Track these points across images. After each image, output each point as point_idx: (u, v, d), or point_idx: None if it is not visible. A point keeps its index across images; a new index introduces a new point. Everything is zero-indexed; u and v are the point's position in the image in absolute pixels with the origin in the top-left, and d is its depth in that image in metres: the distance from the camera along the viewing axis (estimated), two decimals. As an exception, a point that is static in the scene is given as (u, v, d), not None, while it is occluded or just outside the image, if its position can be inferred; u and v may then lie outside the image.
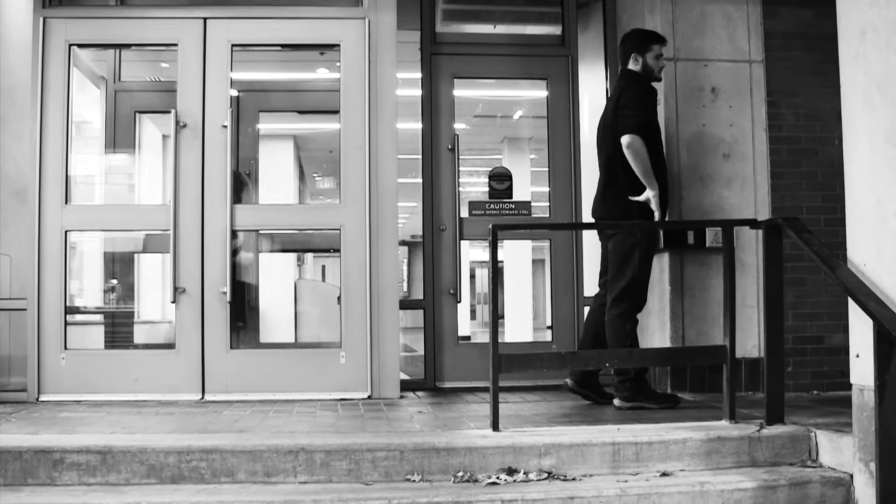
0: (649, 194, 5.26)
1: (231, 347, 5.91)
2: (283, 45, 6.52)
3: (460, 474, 3.90)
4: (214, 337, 5.90)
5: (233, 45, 6.05)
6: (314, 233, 7.49)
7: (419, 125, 6.73)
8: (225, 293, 5.89)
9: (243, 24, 6.07)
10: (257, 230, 7.02)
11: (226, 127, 6.00)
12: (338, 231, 6.02)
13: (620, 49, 5.67)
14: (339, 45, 6.12)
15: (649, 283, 5.58)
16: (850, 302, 3.76)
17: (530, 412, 5.13)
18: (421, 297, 6.69)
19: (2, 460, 3.84)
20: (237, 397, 5.82)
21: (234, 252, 6.17)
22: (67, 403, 5.61)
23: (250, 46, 6.40)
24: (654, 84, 5.55)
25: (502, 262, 12.66)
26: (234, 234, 6.01)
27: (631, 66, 5.53)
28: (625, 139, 5.24)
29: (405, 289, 26.78)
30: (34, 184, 5.87)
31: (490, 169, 7.03)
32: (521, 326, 12.78)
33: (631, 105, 5.32)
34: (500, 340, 4.44)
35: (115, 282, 9.01)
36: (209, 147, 6.01)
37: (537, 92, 7.74)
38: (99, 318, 8.35)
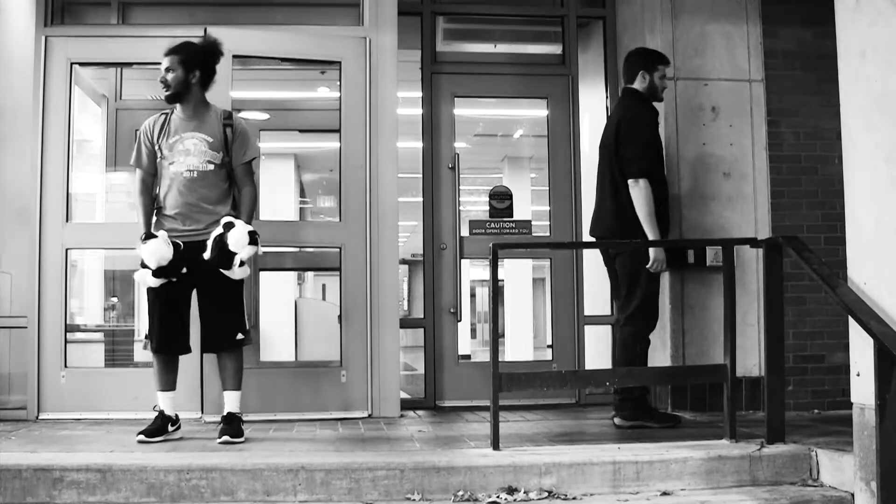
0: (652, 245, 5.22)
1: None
2: (283, 59, 6.51)
3: (461, 493, 3.88)
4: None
5: (234, 56, 5.90)
6: (314, 251, 7.49)
7: (420, 144, 6.74)
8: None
9: (245, 40, 6.05)
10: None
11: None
12: (338, 249, 6.02)
13: (625, 66, 5.56)
14: (339, 63, 6.14)
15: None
16: (851, 320, 3.76)
17: (531, 431, 5.12)
18: (421, 315, 6.68)
19: (1, 479, 3.82)
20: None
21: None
22: (67, 421, 5.59)
23: (251, 59, 6.40)
24: (655, 104, 5.55)
25: (503, 280, 12.65)
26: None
27: (637, 84, 5.44)
28: (632, 183, 5.18)
29: (405, 307, 26.76)
30: (35, 202, 5.87)
31: (491, 188, 7.04)
32: (521, 345, 12.77)
33: (638, 139, 5.24)
34: (500, 359, 4.43)
35: (115, 300, 9.01)
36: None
37: (538, 111, 7.75)
38: (99, 336, 8.35)
